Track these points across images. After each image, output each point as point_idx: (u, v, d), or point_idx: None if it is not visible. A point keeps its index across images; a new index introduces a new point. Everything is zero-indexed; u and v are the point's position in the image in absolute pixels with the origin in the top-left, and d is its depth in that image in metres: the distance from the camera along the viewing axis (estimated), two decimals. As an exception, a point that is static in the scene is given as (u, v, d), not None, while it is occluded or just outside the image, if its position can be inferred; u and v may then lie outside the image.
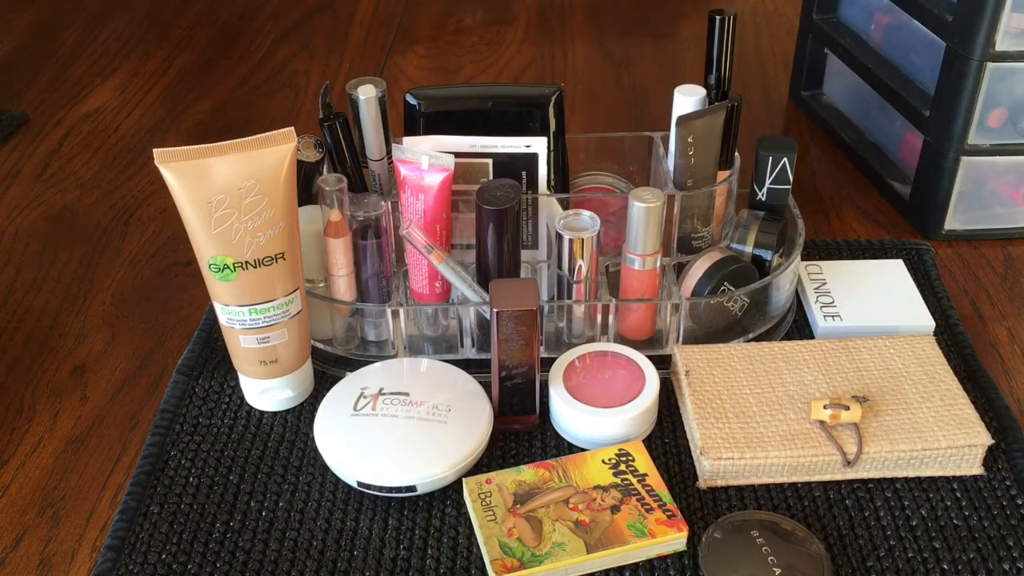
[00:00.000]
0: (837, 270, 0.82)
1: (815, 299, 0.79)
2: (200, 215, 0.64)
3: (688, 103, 0.75)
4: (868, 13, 0.99)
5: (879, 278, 0.82)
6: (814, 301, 0.79)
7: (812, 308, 0.79)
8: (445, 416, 0.67)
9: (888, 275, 0.82)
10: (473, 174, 0.76)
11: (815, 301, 0.79)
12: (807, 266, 0.82)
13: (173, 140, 1.09)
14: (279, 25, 1.34)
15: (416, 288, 0.76)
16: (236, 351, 0.70)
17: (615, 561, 0.61)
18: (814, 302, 0.79)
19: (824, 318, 0.77)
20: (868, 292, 0.80)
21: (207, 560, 0.62)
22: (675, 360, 0.72)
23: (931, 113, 0.87)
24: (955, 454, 0.65)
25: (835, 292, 0.80)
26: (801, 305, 0.81)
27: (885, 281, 0.81)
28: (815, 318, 0.78)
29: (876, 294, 0.80)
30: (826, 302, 0.79)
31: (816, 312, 0.78)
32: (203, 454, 0.69)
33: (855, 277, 0.81)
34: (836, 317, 0.77)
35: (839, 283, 0.81)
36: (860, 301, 0.79)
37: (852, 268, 0.83)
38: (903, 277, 0.82)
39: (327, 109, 0.73)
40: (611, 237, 0.79)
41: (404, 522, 0.64)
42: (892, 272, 0.82)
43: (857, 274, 0.82)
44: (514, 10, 1.37)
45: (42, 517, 0.67)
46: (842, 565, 0.61)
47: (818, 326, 0.77)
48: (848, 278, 0.81)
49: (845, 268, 0.83)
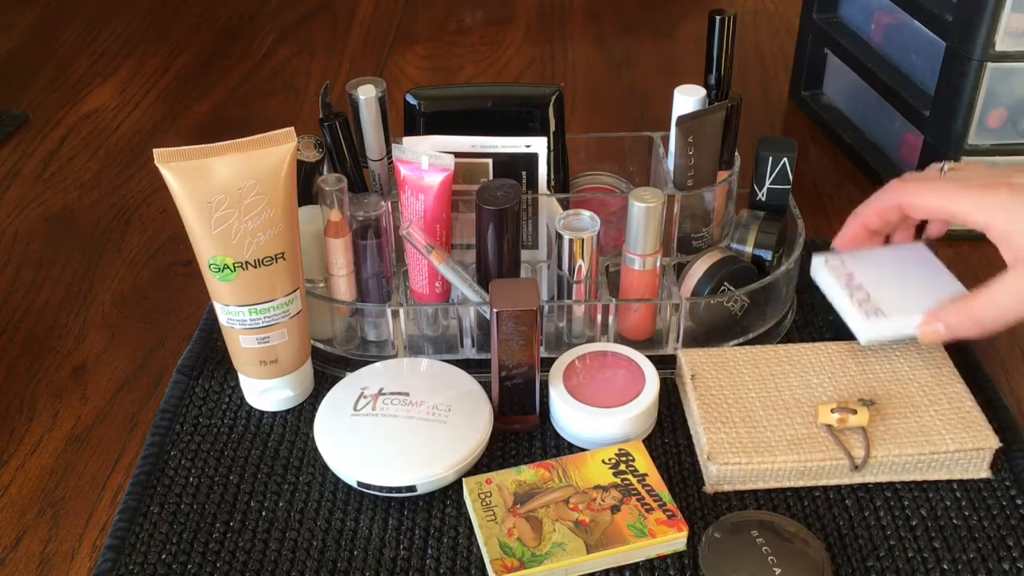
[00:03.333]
0: (860, 260, 0.73)
1: (850, 295, 0.70)
2: (200, 215, 0.64)
3: (688, 103, 0.75)
4: (868, 13, 0.99)
5: (906, 266, 0.73)
6: (850, 298, 0.70)
7: (847, 305, 0.70)
8: (445, 416, 0.67)
9: (914, 260, 0.73)
10: (473, 174, 0.76)
11: (851, 297, 0.70)
12: (828, 259, 0.73)
13: (173, 140, 1.09)
14: (279, 25, 1.34)
15: (416, 288, 0.76)
16: (236, 351, 0.70)
17: (615, 561, 0.61)
18: (850, 298, 0.70)
19: (867, 316, 0.68)
20: (903, 281, 0.71)
21: (207, 560, 0.62)
22: (680, 364, 0.72)
23: (931, 113, 0.87)
24: (963, 458, 0.65)
25: (868, 286, 0.71)
26: (807, 305, 0.80)
27: (914, 268, 0.72)
28: (853, 316, 0.69)
29: (912, 283, 0.71)
30: (862, 298, 0.70)
31: (852, 311, 0.69)
32: (203, 454, 0.69)
33: (882, 267, 0.72)
34: (879, 313, 0.69)
35: (867, 275, 0.72)
36: (897, 291, 0.70)
37: (875, 257, 0.73)
38: (930, 261, 0.73)
39: (327, 109, 0.73)
40: (611, 237, 0.79)
41: (404, 522, 0.64)
42: (918, 256, 0.73)
43: (883, 263, 0.73)
44: (514, 10, 1.37)
45: (42, 517, 0.67)
46: (842, 565, 0.61)
47: (859, 327, 0.69)
48: (875, 269, 0.72)
49: (866, 258, 0.73)
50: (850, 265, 0.72)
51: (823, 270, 0.73)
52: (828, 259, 0.73)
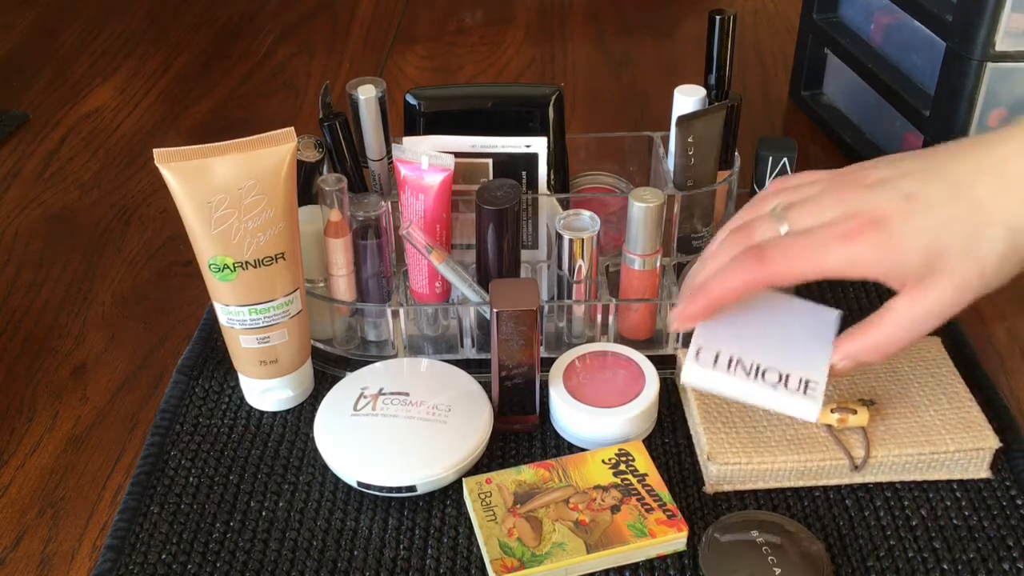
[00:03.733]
0: (726, 338, 0.61)
1: (753, 380, 0.60)
2: (200, 215, 0.64)
3: (688, 103, 0.75)
4: (868, 13, 0.99)
5: (774, 317, 0.63)
6: (756, 382, 0.60)
7: (767, 395, 0.60)
8: (445, 416, 0.67)
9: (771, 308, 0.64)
10: (473, 174, 0.76)
11: (757, 382, 0.60)
12: (698, 353, 0.61)
13: (173, 140, 1.09)
14: (279, 25, 1.34)
15: (416, 288, 0.76)
16: (236, 351, 0.70)
17: (615, 561, 0.61)
18: (759, 385, 0.60)
19: (795, 394, 0.59)
20: (785, 336, 0.62)
21: (207, 560, 0.62)
22: (680, 364, 0.72)
23: (931, 113, 0.87)
24: (963, 458, 0.65)
25: (762, 363, 0.61)
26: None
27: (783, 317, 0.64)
28: (786, 403, 0.60)
29: (796, 334, 0.63)
30: (773, 380, 0.60)
31: (778, 396, 0.60)
32: (203, 454, 0.69)
33: (750, 332, 0.62)
34: (804, 384, 0.60)
35: (747, 350, 0.61)
36: (789, 350, 0.62)
37: (735, 325, 0.62)
38: (788, 300, 0.64)
39: (327, 109, 0.73)
40: (611, 237, 0.79)
41: (404, 522, 0.64)
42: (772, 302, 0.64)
43: (747, 327, 0.62)
44: (514, 10, 1.37)
45: (42, 517, 0.67)
46: (842, 565, 0.61)
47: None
48: (747, 338, 0.62)
49: (729, 331, 0.62)
50: (718, 347, 0.61)
51: (700, 371, 0.61)
52: (699, 354, 0.61)
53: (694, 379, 0.61)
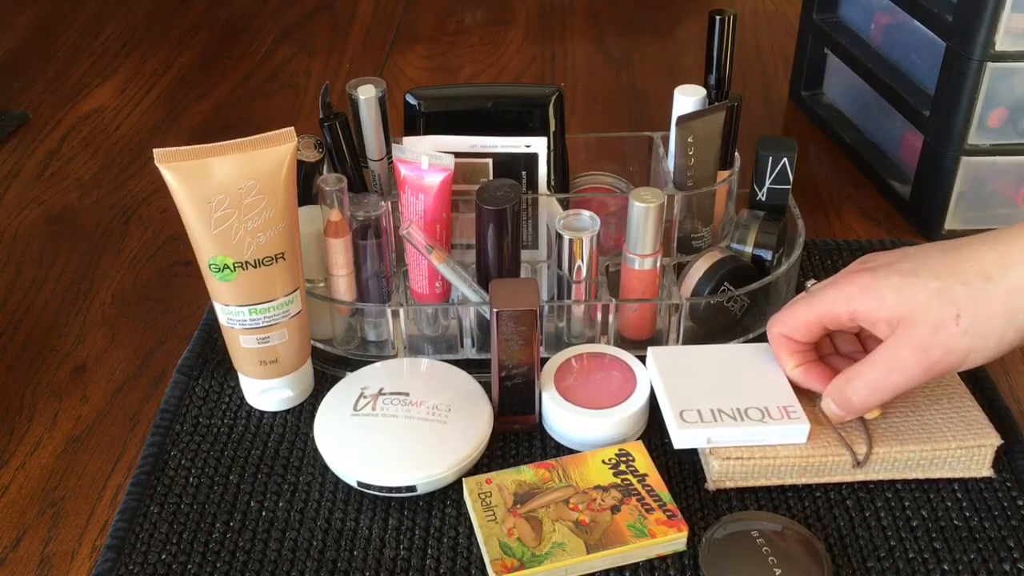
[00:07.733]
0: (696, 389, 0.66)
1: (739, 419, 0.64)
2: (200, 215, 0.64)
3: (688, 103, 0.75)
4: (868, 13, 0.99)
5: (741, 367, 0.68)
6: (737, 424, 0.64)
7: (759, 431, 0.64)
8: (445, 416, 0.67)
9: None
10: (473, 174, 0.76)
11: (736, 422, 0.64)
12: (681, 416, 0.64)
13: (173, 140, 1.09)
14: (279, 25, 1.34)
15: (416, 288, 0.76)
16: (236, 351, 0.70)
17: (615, 561, 0.61)
18: (741, 423, 0.64)
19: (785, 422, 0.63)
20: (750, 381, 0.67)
21: (207, 560, 0.62)
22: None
23: (931, 113, 0.87)
24: (964, 455, 0.65)
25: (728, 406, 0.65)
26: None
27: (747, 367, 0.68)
28: (774, 432, 0.64)
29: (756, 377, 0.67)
30: (755, 417, 0.64)
31: (767, 429, 0.63)
32: (203, 454, 0.69)
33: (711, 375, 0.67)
34: (784, 411, 0.64)
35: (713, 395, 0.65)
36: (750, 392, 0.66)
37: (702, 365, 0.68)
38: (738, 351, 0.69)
39: (327, 109, 0.73)
40: (611, 237, 0.79)
41: (404, 522, 0.64)
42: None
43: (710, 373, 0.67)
44: (514, 10, 1.37)
45: (42, 517, 0.67)
46: (842, 565, 0.61)
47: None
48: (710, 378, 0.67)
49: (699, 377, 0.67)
50: (695, 405, 0.65)
51: (690, 431, 0.64)
52: (682, 415, 0.64)
53: (687, 441, 0.64)
